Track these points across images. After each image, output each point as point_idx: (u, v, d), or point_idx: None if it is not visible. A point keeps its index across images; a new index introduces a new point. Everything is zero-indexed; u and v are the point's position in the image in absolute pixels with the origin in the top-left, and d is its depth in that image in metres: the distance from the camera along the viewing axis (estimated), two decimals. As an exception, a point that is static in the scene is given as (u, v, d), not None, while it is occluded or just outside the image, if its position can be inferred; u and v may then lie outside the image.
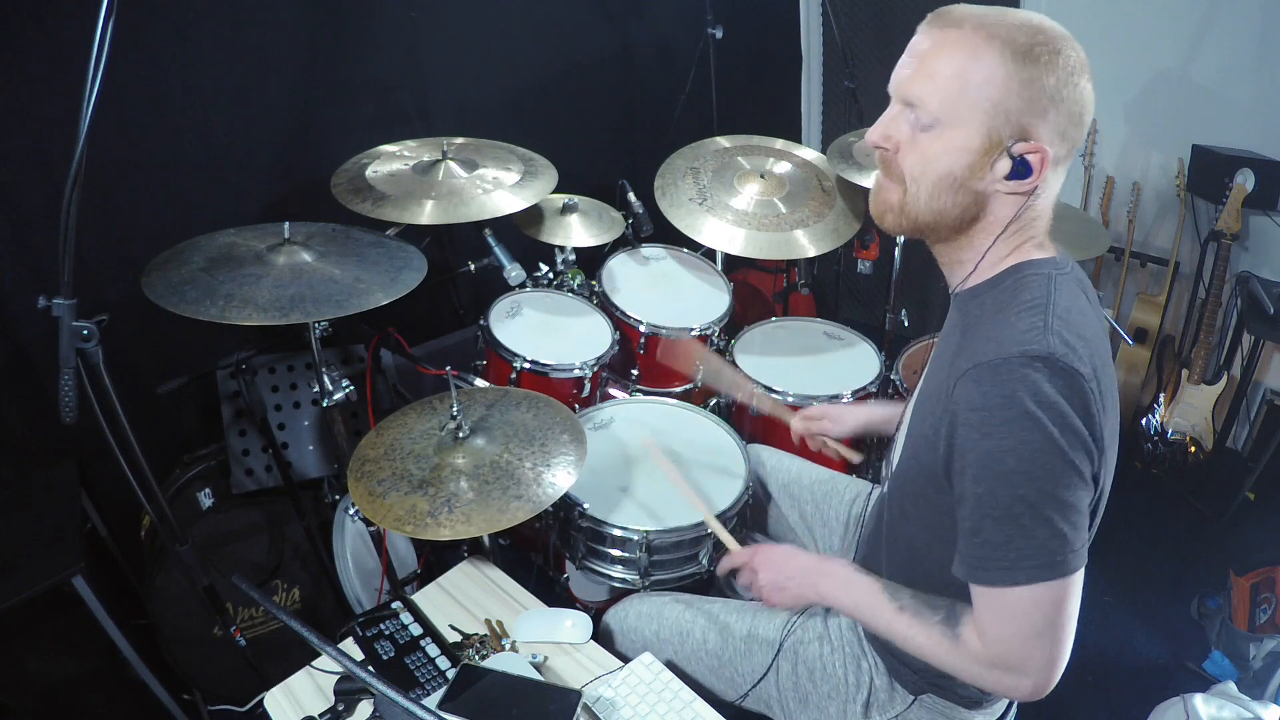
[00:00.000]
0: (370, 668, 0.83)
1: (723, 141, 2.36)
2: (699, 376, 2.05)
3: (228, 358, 1.79)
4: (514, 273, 2.01)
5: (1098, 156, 2.71)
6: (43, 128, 1.73)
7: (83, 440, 1.73)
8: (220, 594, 1.60)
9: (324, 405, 1.65)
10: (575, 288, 2.18)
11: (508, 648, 1.33)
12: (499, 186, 1.92)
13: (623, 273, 2.23)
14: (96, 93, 1.08)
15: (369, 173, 1.91)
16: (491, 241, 2.04)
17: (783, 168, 2.28)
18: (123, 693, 1.76)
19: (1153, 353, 2.70)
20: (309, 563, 1.94)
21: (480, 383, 1.75)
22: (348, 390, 1.66)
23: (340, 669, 1.21)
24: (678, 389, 2.14)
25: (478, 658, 1.29)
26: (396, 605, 1.35)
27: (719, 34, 2.79)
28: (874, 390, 1.94)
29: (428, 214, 1.79)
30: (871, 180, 2.01)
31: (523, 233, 2.16)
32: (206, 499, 1.88)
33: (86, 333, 1.18)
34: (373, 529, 1.80)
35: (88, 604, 1.53)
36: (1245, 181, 2.33)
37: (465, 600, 1.43)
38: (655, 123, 2.94)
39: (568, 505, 1.53)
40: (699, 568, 1.56)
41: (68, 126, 1.08)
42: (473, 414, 1.51)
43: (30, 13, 1.66)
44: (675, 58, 2.98)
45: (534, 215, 2.17)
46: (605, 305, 2.10)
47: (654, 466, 1.66)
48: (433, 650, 1.26)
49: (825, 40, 3.33)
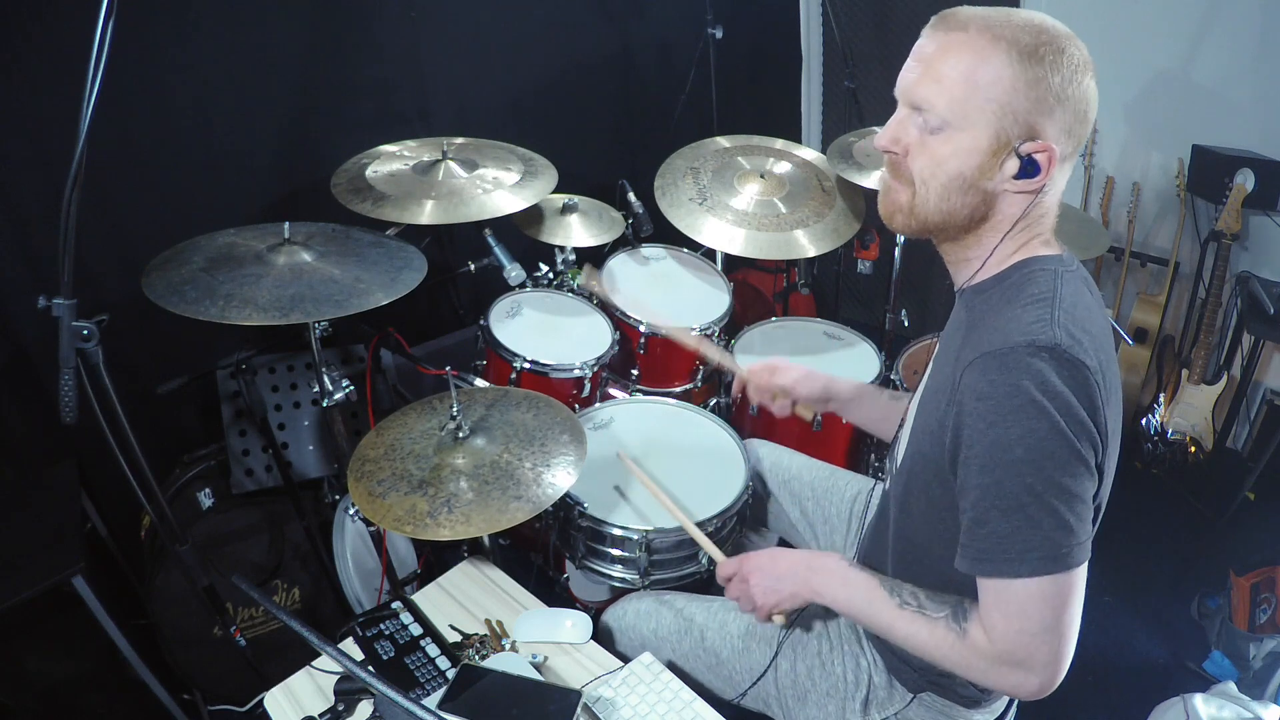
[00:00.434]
0: (370, 668, 0.83)
1: (723, 141, 2.36)
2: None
3: (228, 358, 1.79)
4: (514, 273, 2.01)
5: (1098, 156, 2.71)
6: (43, 128, 1.73)
7: (83, 440, 1.73)
8: (220, 594, 1.60)
9: (324, 405, 1.65)
10: (575, 288, 2.18)
11: (508, 648, 1.33)
12: (499, 186, 1.92)
13: (623, 273, 2.23)
14: (96, 93, 1.08)
15: (369, 173, 1.91)
16: (491, 241, 2.04)
17: (783, 168, 2.27)
18: (123, 693, 1.76)
19: (1153, 353, 2.70)
20: (309, 563, 1.94)
21: (480, 383, 1.75)
22: (348, 390, 1.66)
23: (340, 669, 1.21)
24: (678, 389, 2.14)
25: (478, 658, 1.29)
26: (396, 605, 1.35)
27: (719, 34, 2.79)
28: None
29: (428, 214, 1.79)
30: (872, 180, 2.06)
31: (523, 233, 2.16)
32: (206, 499, 1.88)
33: (86, 333, 1.18)
34: (373, 529, 1.80)
35: (88, 604, 1.53)
36: (1245, 181, 2.33)
37: (465, 600, 1.43)
38: (655, 123, 2.94)
39: (567, 505, 1.53)
40: (699, 567, 1.56)
41: (68, 126, 1.07)
42: (473, 414, 1.51)
43: (31, 12, 1.66)
44: (675, 58, 2.98)
45: (534, 215, 2.17)
46: (605, 305, 2.10)
47: (653, 467, 1.67)
48: (433, 650, 1.26)
49: (825, 40, 3.33)
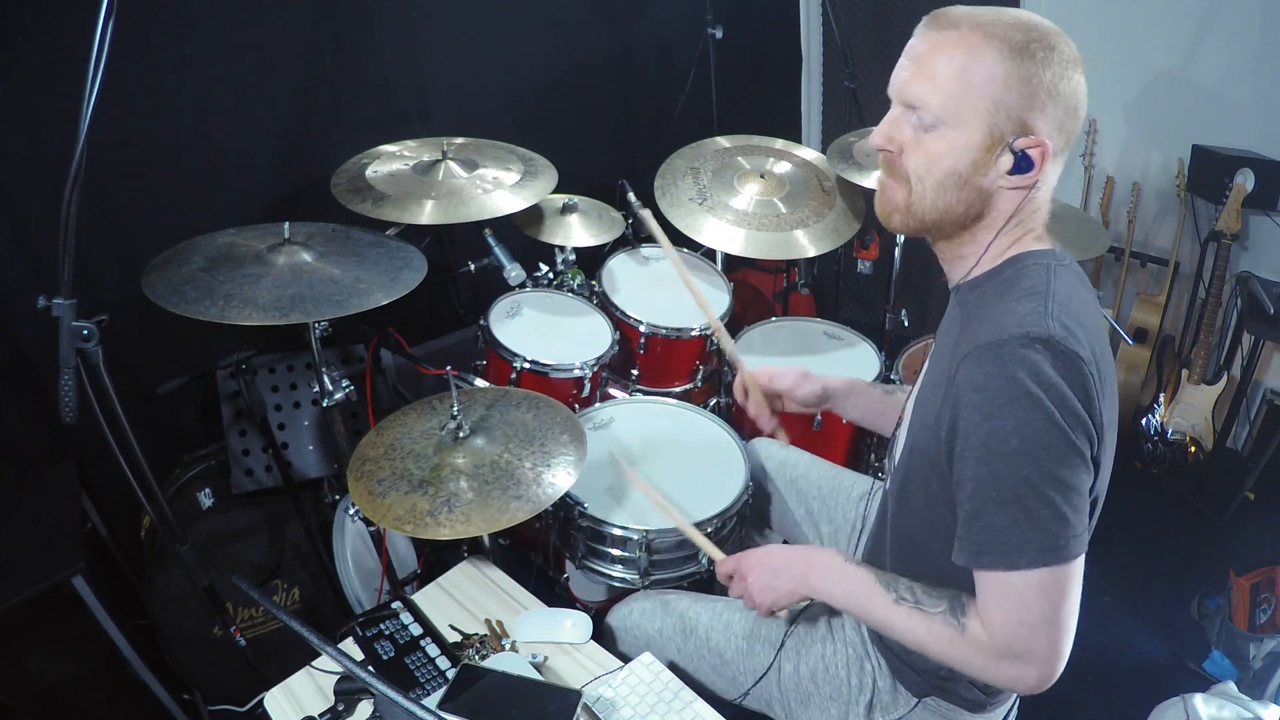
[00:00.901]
0: (370, 668, 0.83)
1: (723, 141, 2.36)
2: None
3: (228, 358, 1.79)
4: (514, 273, 2.01)
5: (1098, 156, 2.70)
6: (43, 128, 1.73)
7: (83, 440, 1.74)
8: (220, 594, 1.60)
9: (324, 405, 1.65)
10: (575, 288, 2.18)
11: (508, 648, 1.33)
12: (499, 186, 1.92)
13: (623, 273, 2.23)
14: (96, 93, 1.08)
15: (369, 173, 1.91)
16: (491, 241, 2.04)
17: (783, 168, 2.27)
18: (123, 693, 1.76)
19: (1153, 353, 2.70)
20: (309, 563, 1.94)
21: (480, 383, 1.75)
22: (348, 390, 1.66)
23: (340, 669, 1.21)
24: (677, 389, 2.15)
25: (478, 658, 1.29)
26: (396, 605, 1.35)
27: (719, 34, 2.79)
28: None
29: (428, 214, 1.79)
30: (871, 180, 2.06)
31: (523, 233, 2.16)
32: (206, 499, 1.88)
33: (86, 333, 1.18)
34: (373, 529, 1.80)
35: (88, 604, 1.53)
36: (1245, 181, 2.33)
37: (465, 600, 1.43)
38: (655, 123, 2.94)
39: (567, 505, 1.53)
40: (699, 567, 1.56)
41: (68, 126, 1.08)
42: (473, 414, 1.51)
43: (31, 12, 1.66)
44: (675, 58, 2.98)
45: (534, 215, 2.17)
46: (605, 305, 2.10)
47: (653, 467, 1.67)
48: (433, 650, 1.26)
49: (825, 40, 3.33)
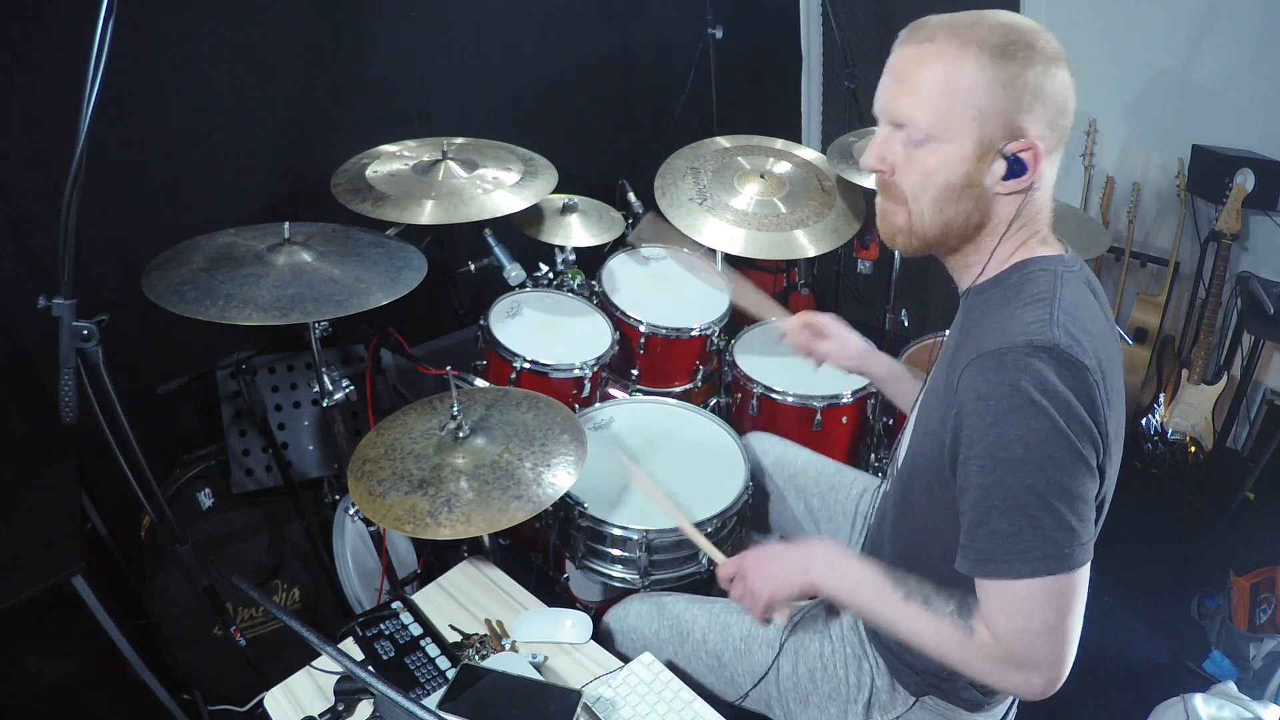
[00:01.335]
0: (370, 668, 0.83)
1: (723, 141, 2.36)
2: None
3: (228, 358, 1.79)
4: (514, 273, 2.01)
5: (1098, 156, 2.70)
6: (43, 128, 1.73)
7: (83, 440, 1.73)
8: (220, 594, 1.60)
9: (324, 405, 1.65)
10: (575, 288, 2.18)
11: (508, 648, 1.33)
12: (499, 186, 1.92)
13: (623, 273, 2.23)
14: (96, 93, 1.08)
15: (369, 173, 1.91)
16: (491, 241, 2.04)
17: (783, 168, 2.27)
18: (123, 693, 1.75)
19: (1153, 353, 2.70)
20: (309, 563, 1.94)
21: (480, 383, 1.75)
22: (348, 390, 1.66)
23: (340, 669, 1.21)
24: (678, 389, 2.15)
25: (478, 658, 1.29)
26: (396, 605, 1.35)
27: (719, 34, 2.79)
28: (874, 390, 1.94)
29: (428, 214, 1.79)
30: (871, 181, 2.04)
31: (523, 233, 2.16)
32: (206, 499, 1.88)
33: (86, 333, 1.18)
34: (373, 529, 1.80)
35: (88, 604, 1.53)
36: (1245, 181, 2.33)
37: (465, 600, 1.43)
38: (655, 123, 2.94)
39: (567, 505, 1.53)
40: (699, 567, 1.56)
41: (68, 126, 1.07)
42: (473, 414, 1.51)
43: (31, 12, 1.66)
44: (675, 58, 2.98)
45: (534, 215, 2.17)
46: (605, 305, 2.10)
47: (653, 467, 1.67)
48: (433, 650, 1.26)
49: (825, 40, 3.33)
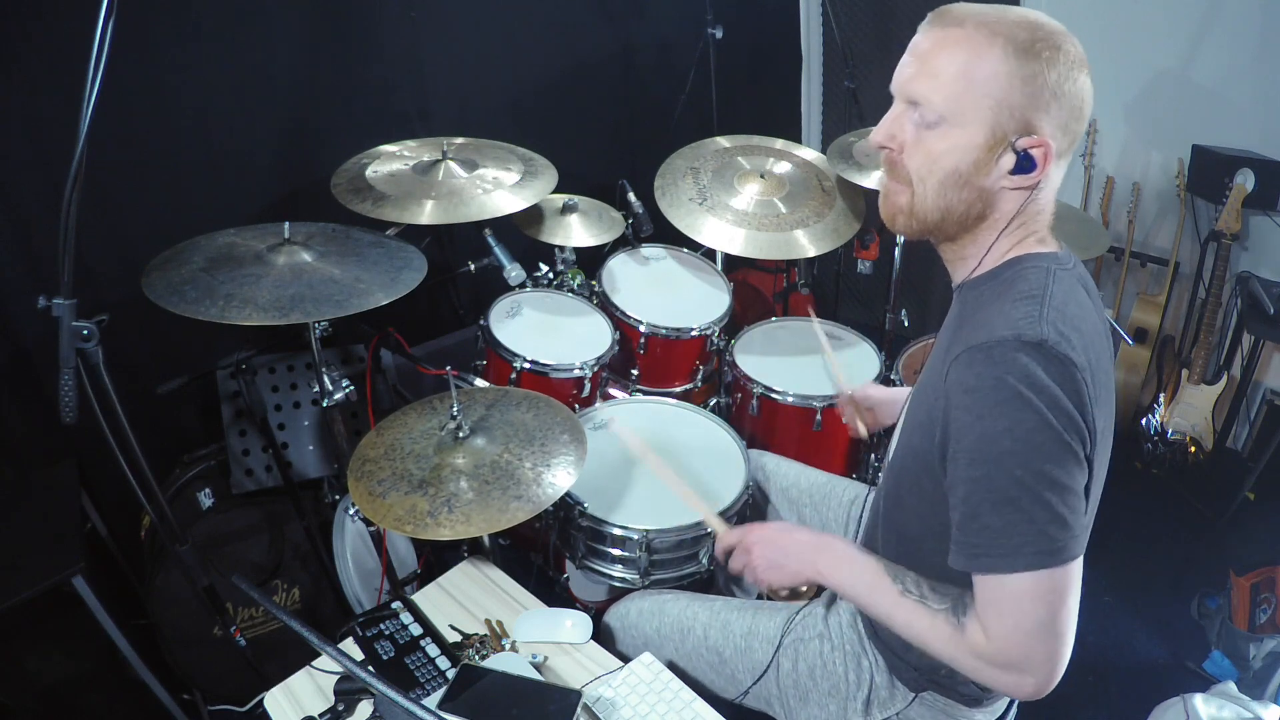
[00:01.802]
0: (370, 668, 0.83)
1: (723, 141, 2.36)
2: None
3: (228, 358, 1.79)
4: (514, 273, 2.01)
5: (1098, 156, 2.70)
6: (43, 128, 1.73)
7: (83, 440, 1.73)
8: (220, 594, 1.60)
9: (324, 405, 1.65)
10: (575, 288, 2.18)
11: (508, 648, 1.33)
12: (499, 186, 1.92)
13: (623, 273, 2.23)
14: (96, 93, 1.08)
15: (369, 173, 1.91)
16: (491, 241, 2.04)
17: (783, 168, 2.27)
18: (123, 693, 1.76)
19: (1153, 353, 2.70)
20: (309, 563, 1.94)
21: (480, 383, 1.75)
22: (348, 390, 1.66)
23: (340, 669, 1.21)
24: (678, 389, 2.15)
25: (478, 658, 1.29)
26: (396, 605, 1.35)
27: (719, 34, 2.79)
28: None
29: (428, 214, 1.79)
30: (872, 181, 2.06)
31: (523, 233, 2.16)
32: (206, 499, 1.88)
33: (86, 333, 1.18)
34: (373, 529, 1.80)
35: (88, 604, 1.53)
36: (1245, 181, 2.33)
37: (465, 600, 1.43)
38: (655, 123, 2.94)
39: (567, 505, 1.53)
40: (699, 567, 1.56)
41: (68, 126, 1.07)
42: (473, 414, 1.51)
43: (30, 12, 1.66)
44: (675, 58, 2.98)
45: (534, 215, 2.17)
46: (605, 305, 2.10)
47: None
48: (433, 650, 1.26)
49: (825, 40, 3.33)
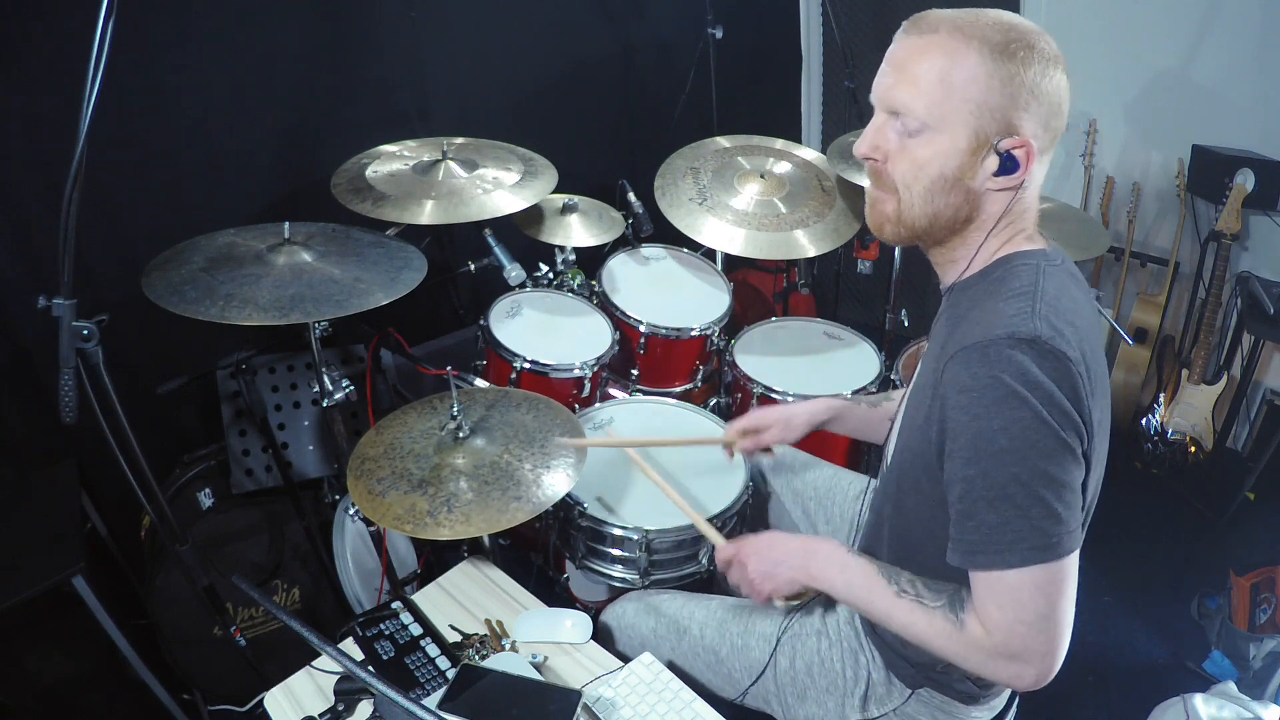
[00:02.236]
0: (370, 668, 0.83)
1: (723, 141, 2.36)
2: None
3: (228, 358, 1.79)
4: (514, 273, 2.01)
5: (1098, 156, 2.70)
6: (43, 128, 1.73)
7: (83, 440, 1.73)
8: (220, 594, 1.60)
9: (324, 405, 1.65)
10: (575, 288, 2.18)
11: (508, 648, 1.33)
12: (499, 186, 1.92)
13: (623, 273, 2.23)
14: (96, 93, 1.08)
15: (369, 173, 1.91)
16: (491, 241, 2.04)
17: (783, 168, 2.27)
18: (123, 693, 1.76)
19: (1153, 353, 2.70)
20: (309, 563, 1.94)
21: (480, 383, 1.75)
22: (348, 390, 1.66)
23: (340, 669, 1.21)
24: (677, 389, 2.15)
25: (478, 658, 1.29)
26: (396, 605, 1.35)
27: (719, 34, 2.79)
28: (874, 390, 1.94)
29: (428, 214, 1.79)
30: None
31: (523, 233, 2.16)
32: (206, 499, 1.88)
33: (86, 333, 1.18)
34: (373, 529, 1.80)
35: (88, 604, 1.53)
36: (1245, 181, 2.33)
37: (465, 600, 1.43)
38: (655, 123, 2.94)
39: (567, 505, 1.53)
40: (699, 567, 1.56)
41: (68, 126, 1.08)
42: (473, 414, 1.51)
43: (30, 12, 1.66)
44: (675, 58, 2.98)
45: (534, 215, 2.17)
46: (605, 305, 2.10)
47: (653, 467, 1.66)
48: (433, 650, 1.26)
49: (825, 40, 3.33)
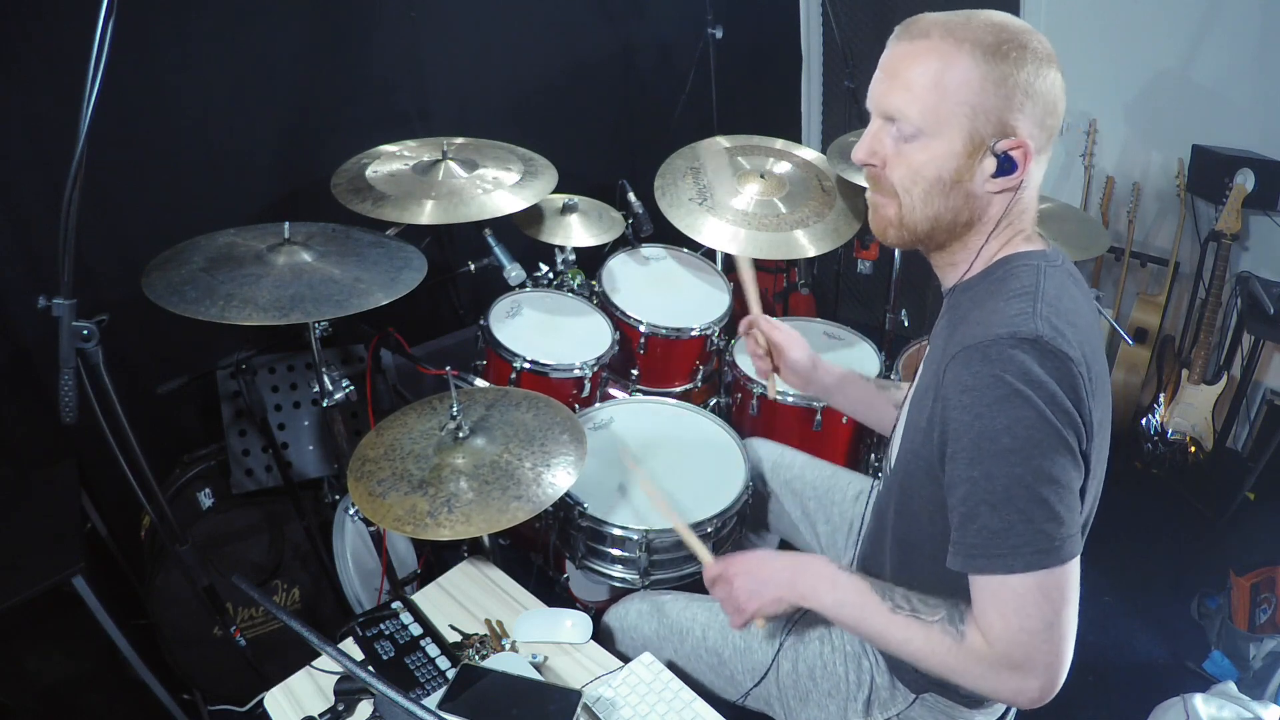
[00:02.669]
0: (370, 668, 0.83)
1: (723, 141, 2.36)
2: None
3: (228, 358, 1.79)
4: (514, 273, 2.01)
5: (1098, 156, 2.70)
6: (43, 128, 1.73)
7: (83, 440, 1.74)
8: (220, 594, 1.60)
9: (324, 405, 1.65)
10: (575, 288, 2.18)
11: (508, 648, 1.33)
12: (499, 186, 1.92)
13: (623, 273, 2.23)
14: (96, 93, 1.08)
15: (369, 173, 1.91)
16: (491, 241, 2.04)
17: (783, 168, 2.27)
18: (123, 693, 1.76)
19: (1153, 353, 2.70)
20: (309, 563, 1.94)
21: (480, 383, 1.75)
22: (348, 390, 1.66)
23: (340, 669, 1.21)
24: (678, 389, 2.15)
25: (478, 658, 1.29)
26: (396, 605, 1.35)
27: (719, 34, 2.79)
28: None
29: (428, 214, 1.79)
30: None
31: (523, 233, 2.16)
32: (206, 499, 1.88)
33: (86, 333, 1.18)
34: (373, 529, 1.80)
35: (88, 604, 1.53)
36: (1245, 181, 2.33)
37: (465, 600, 1.43)
38: (655, 123, 2.94)
39: (567, 505, 1.53)
40: (699, 568, 1.55)
41: (68, 126, 1.08)
42: (473, 414, 1.51)
43: (30, 12, 1.66)
44: (675, 58, 2.98)
45: (534, 215, 2.17)
46: (605, 305, 2.10)
47: (653, 467, 1.67)
48: (433, 650, 1.26)
49: (825, 40, 3.33)
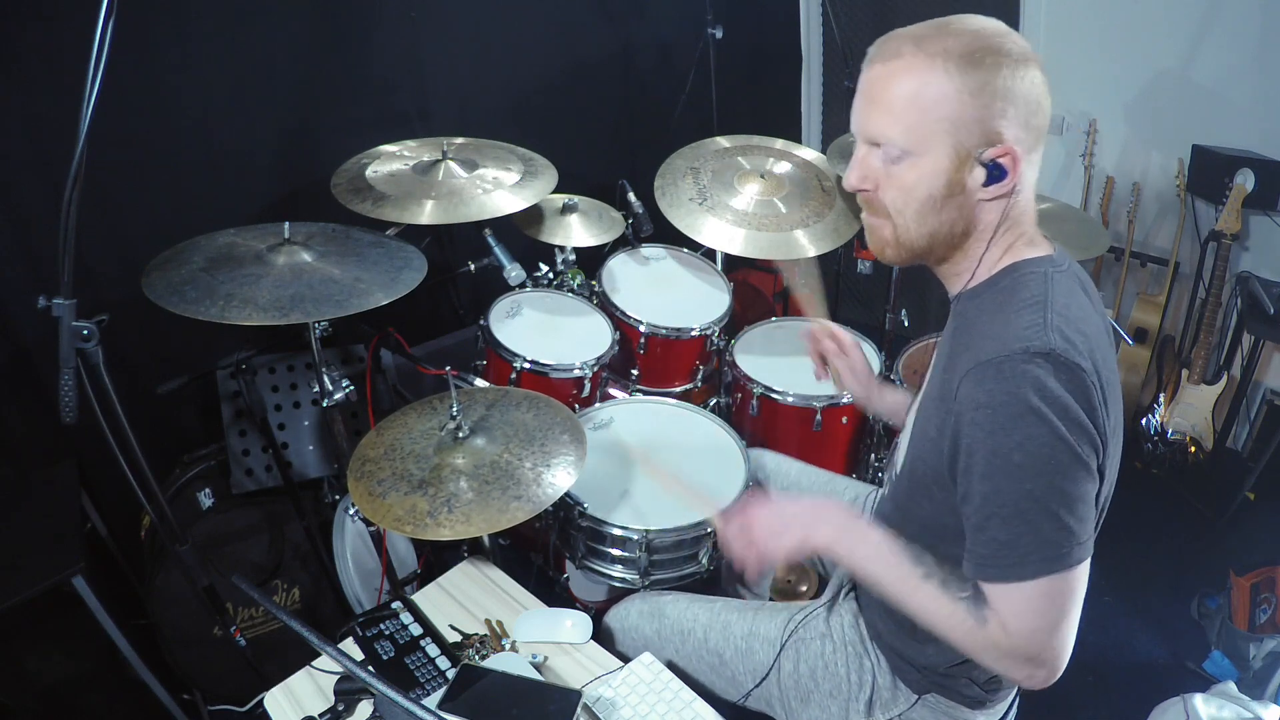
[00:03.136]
0: (370, 668, 0.83)
1: (723, 141, 2.36)
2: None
3: (228, 358, 1.79)
4: (514, 273, 2.01)
5: (1098, 156, 2.70)
6: (43, 128, 1.73)
7: (83, 440, 1.73)
8: (220, 594, 1.60)
9: (324, 405, 1.65)
10: (575, 288, 2.18)
11: (508, 648, 1.33)
12: (499, 186, 1.92)
13: (623, 273, 2.23)
14: (96, 93, 1.08)
15: (369, 173, 1.91)
16: (491, 241, 2.04)
17: (783, 168, 2.27)
18: (123, 693, 1.76)
19: (1153, 353, 2.70)
20: (309, 563, 1.94)
21: (480, 383, 1.75)
22: (348, 390, 1.66)
23: (340, 669, 1.21)
24: (677, 389, 2.15)
25: (478, 658, 1.29)
26: (396, 605, 1.35)
27: (719, 34, 2.79)
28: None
29: (428, 214, 1.79)
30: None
31: (523, 233, 2.16)
32: (206, 499, 1.88)
33: (86, 333, 1.18)
34: (373, 529, 1.80)
35: (88, 604, 1.53)
36: (1245, 181, 2.33)
37: (465, 600, 1.43)
38: (655, 123, 2.94)
39: (567, 505, 1.53)
40: (699, 567, 1.56)
41: (68, 126, 1.08)
42: (473, 414, 1.51)
43: (30, 12, 1.66)
44: (675, 58, 2.98)
45: (534, 215, 2.17)
46: (605, 305, 2.10)
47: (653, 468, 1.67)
48: (433, 650, 1.26)
49: (825, 40, 3.33)
